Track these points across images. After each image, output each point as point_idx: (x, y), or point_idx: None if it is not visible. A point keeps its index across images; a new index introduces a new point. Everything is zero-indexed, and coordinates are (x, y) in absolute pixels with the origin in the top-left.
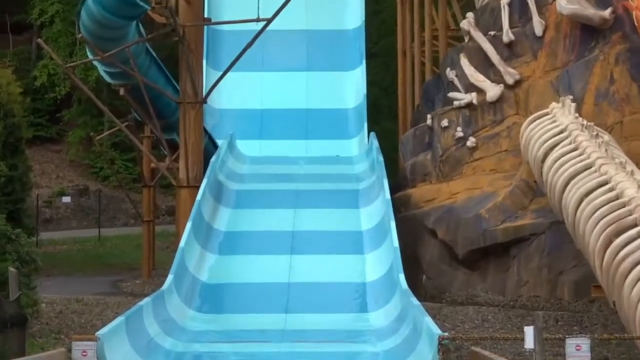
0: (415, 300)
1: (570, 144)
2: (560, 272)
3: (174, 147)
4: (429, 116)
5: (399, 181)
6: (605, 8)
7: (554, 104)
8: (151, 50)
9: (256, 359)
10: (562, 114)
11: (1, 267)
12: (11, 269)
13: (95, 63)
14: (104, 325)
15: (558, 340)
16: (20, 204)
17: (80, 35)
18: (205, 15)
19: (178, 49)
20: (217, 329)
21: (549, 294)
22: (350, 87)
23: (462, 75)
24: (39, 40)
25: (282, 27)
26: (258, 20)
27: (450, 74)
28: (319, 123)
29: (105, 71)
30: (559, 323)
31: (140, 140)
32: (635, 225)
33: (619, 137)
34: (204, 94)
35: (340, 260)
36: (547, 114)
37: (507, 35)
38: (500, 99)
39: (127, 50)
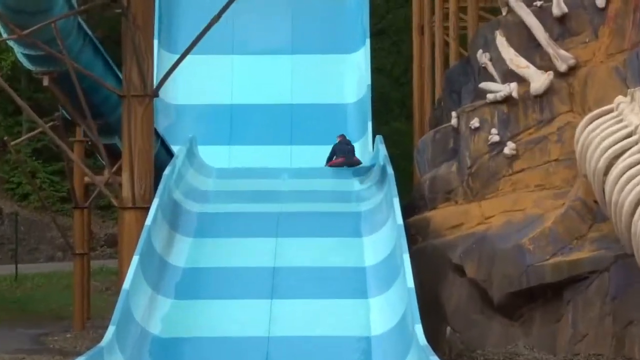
0: None
1: None
2: (629, 322)
3: (115, 155)
4: (453, 114)
5: (414, 201)
6: None
7: (620, 98)
8: (85, 27)
9: None
10: (631, 110)
11: None
12: None
13: (11, 43)
14: None
15: None
16: None
17: None
18: None
19: (121, 26)
20: None
21: (615, 352)
22: (349, 76)
23: (498, 60)
24: None
25: None
26: None
27: (483, 57)
28: (308, 123)
29: (23, 54)
30: None
31: (70, 146)
32: None
33: None
34: (155, 84)
35: (337, 307)
36: (612, 110)
37: (559, 6)
38: (548, 91)
39: (54, 27)
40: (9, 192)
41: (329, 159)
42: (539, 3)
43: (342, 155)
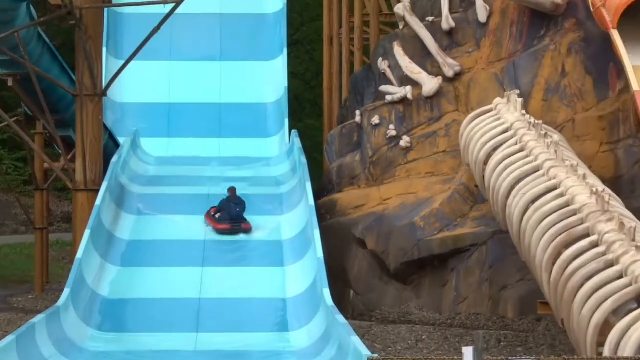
0: (341, 318)
1: (515, 144)
2: (503, 287)
3: (69, 145)
4: (357, 112)
5: (323, 185)
6: None
7: (498, 100)
8: (44, 35)
9: None
10: (508, 110)
11: None
12: None
13: None
14: None
15: None
16: None
17: None
18: None
19: (75, 35)
20: (120, 349)
21: (491, 312)
22: (269, 79)
23: (395, 67)
24: None
25: (193, 10)
26: (165, 2)
27: (383, 64)
28: (234, 119)
29: None
30: (502, 343)
31: (31, 137)
32: (587, 236)
33: (570, 136)
34: (104, 85)
35: (257, 273)
36: (491, 110)
37: (447, 21)
38: (438, 94)
39: (16, 36)
40: None
41: (209, 213)
42: (430, 19)
43: (228, 222)
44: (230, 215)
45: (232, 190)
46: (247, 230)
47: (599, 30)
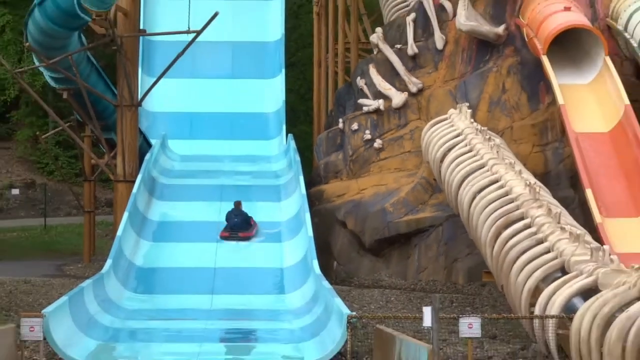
0: (327, 284)
1: (465, 146)
2: (455, 259)
3: (112, 145)
4: (340, 120)
5: (313, 178)
6: (500, 25)
7: (451, 110)
8: (92, 58)
9: (184, 334)
10: (459, 119)
11: None
12: None
13: (42, 69)
14: (49, 304)
15: (452, 319)
16: None
17: (27, 44)
18: (141, 27)
19: (116, 57)
20: (151, 307)
21: (445, 279)
22: (270, 94)
23: (370, 84)
24: None
25: (210, 38)
26: (188, 32)
27: (360, 82)
28: (243, 126)
29: (50, 76)
30: (454, 304)
31: (81, 139)
32: (522, 219)
33: (509, 140)
34: (139, 98)
35: (260, 248)
36: (446, 119)
37: (412, 48)
38: (404, 106)
39: (70, 58)
40: (40, 169)
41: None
42: (398, 46)
43: (227, 231)
44: (230, 225)
45: (236, 203)
46: (247, 238)
47: (532, 55)
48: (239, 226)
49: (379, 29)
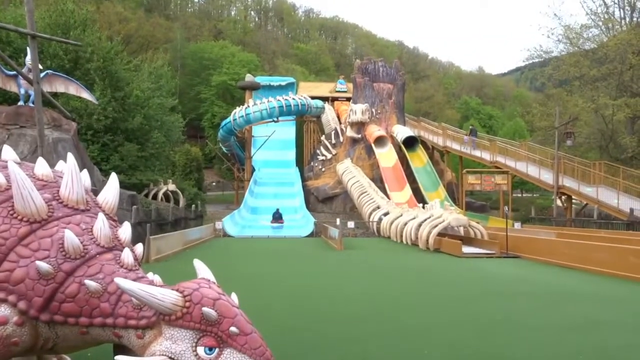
0: (308, 213)
1: (354, 177)
2: (351, 206)
3: (242, 163)
4: (313, 161)
5: (305, 179)
6: (359, 133)
7: (347, 160)
8: (235, 140)
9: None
10: (349, 164)
11: None
12: None
13: (221, 145)
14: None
15: (345, 222)
16: None
17: (219, 141)
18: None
19: (245, 141)
20: (255, 218)
21: (345, 211)
22: (291, 155)
23: (323, 149)
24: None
25: (275, 137)
26: (272, 134)
27: (319, 149)
28: (282, 165)
29: (224, 148)
30: (348, 215)
31: (233, 178)
32: (378, 208)
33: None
34: (251, 155)
35: (289, 202)
36: (345, 164)
37: (332, 140)
38: (331, 158)
39: (230, 142)
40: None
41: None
42: (331, 140)
43: (273, 219)
44: (274, 217)
45: (277, 210)
46: (281, 224)
47: (368, 143)
48: (279, 218)
49: (323, 136)
